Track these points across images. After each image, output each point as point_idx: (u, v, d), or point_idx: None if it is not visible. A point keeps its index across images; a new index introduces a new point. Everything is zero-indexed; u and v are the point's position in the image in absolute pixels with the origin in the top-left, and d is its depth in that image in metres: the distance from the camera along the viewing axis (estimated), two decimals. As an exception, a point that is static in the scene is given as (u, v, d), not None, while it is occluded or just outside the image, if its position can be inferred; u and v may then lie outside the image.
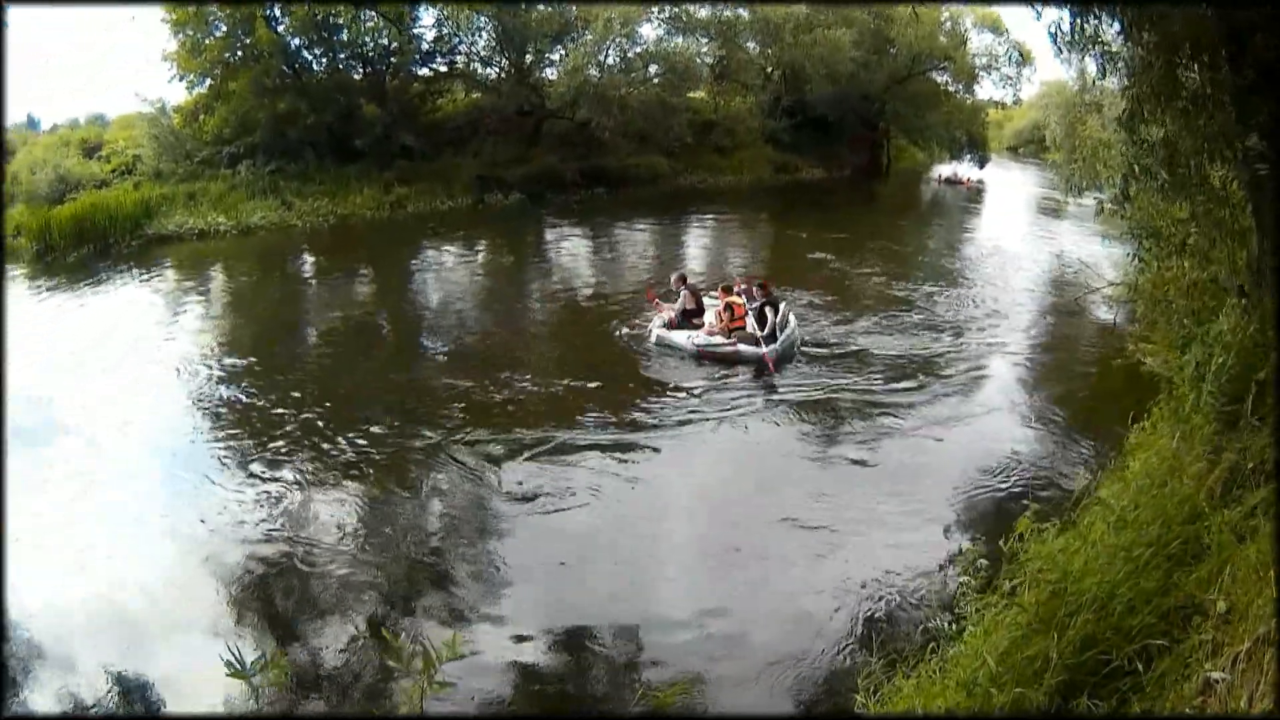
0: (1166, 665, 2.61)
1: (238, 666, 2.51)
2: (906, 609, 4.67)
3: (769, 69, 24.86)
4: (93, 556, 6.65)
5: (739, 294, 9.49)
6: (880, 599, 4.76)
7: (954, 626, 3.84)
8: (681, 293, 10.00)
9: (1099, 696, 2.67)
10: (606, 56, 21.94)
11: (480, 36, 22.02)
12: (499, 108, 21.60)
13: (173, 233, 21.38)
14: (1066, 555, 3.16)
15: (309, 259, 19.42)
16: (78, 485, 7.77)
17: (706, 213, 21.88)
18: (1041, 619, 2.91)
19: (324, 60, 22.06)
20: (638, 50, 22.24)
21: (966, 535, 5.11)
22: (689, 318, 9.76)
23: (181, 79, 22.69)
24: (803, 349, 9.36)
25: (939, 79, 27.56)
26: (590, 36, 21.70)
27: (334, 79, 21.74)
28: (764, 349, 8.54)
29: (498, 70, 22.26)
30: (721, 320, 9.31)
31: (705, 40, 23.31)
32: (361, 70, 21.94)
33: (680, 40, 22.97)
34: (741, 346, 8.86)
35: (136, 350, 12.44)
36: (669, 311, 9.86)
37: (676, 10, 23.07)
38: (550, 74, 22.27)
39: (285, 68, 21.91)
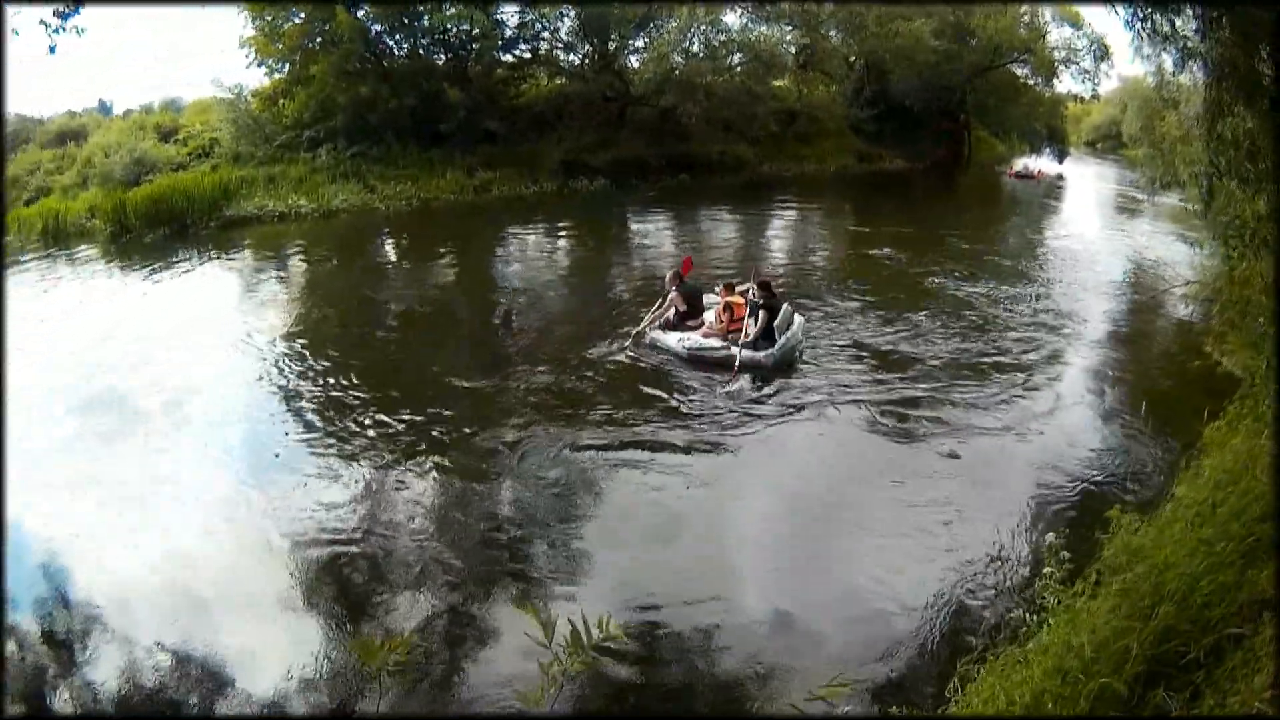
0: (1239, 659, 2.64)
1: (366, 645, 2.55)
2: (987, 599, 4.64)
3: (852, 58, 24.41)
4: (161, 532, 6.61)
5: (741, 293, 8.64)
6: (961, 590, 4.72)
7: (1035, 617, 3.81)
8: (671, 293, 9.01)
9: (1173, 688, 2.71)
10: (691, 44, 21.53)
11: (563, 23, 21.70)
12: (583, 94, 21.26)
13: (252, 215, 21.23)
14: (1149, 549, 3.25)
15: (391, 242, 19.20)
16: (150, 461, 7.75)
17: (789, 202, 21.43)
18: (1124, 610, 2.95)
19: (405, 45, 21.83)
20: (722, 38, 21.79)
21: (1046, 529, 4.98)
22: (684, 319, 8.86)
23: (260, 64, 22.58)
24: (883, 345, 8.78)
25: (1019, 71, 26.93)
26: (675, 24, 21.31)
27: (416, 64, 21.50)
28: (760, 354, 7.85)
29: (581, 57, 21.96)
30: (721, 321, 8.47)
31: (789, 29, 22.86)
32: (444, 55, 21.66)
33: (764, 29, 22.52)
34: (736, 350, 8.07)
35: (214, 329, 12.31)
36: (658, 315, 9.04)
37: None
38: (634, 61, 21.89)
39: (366, 52, 21.71)
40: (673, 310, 8.95)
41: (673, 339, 8.61)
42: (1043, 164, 27.04)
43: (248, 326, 12.39)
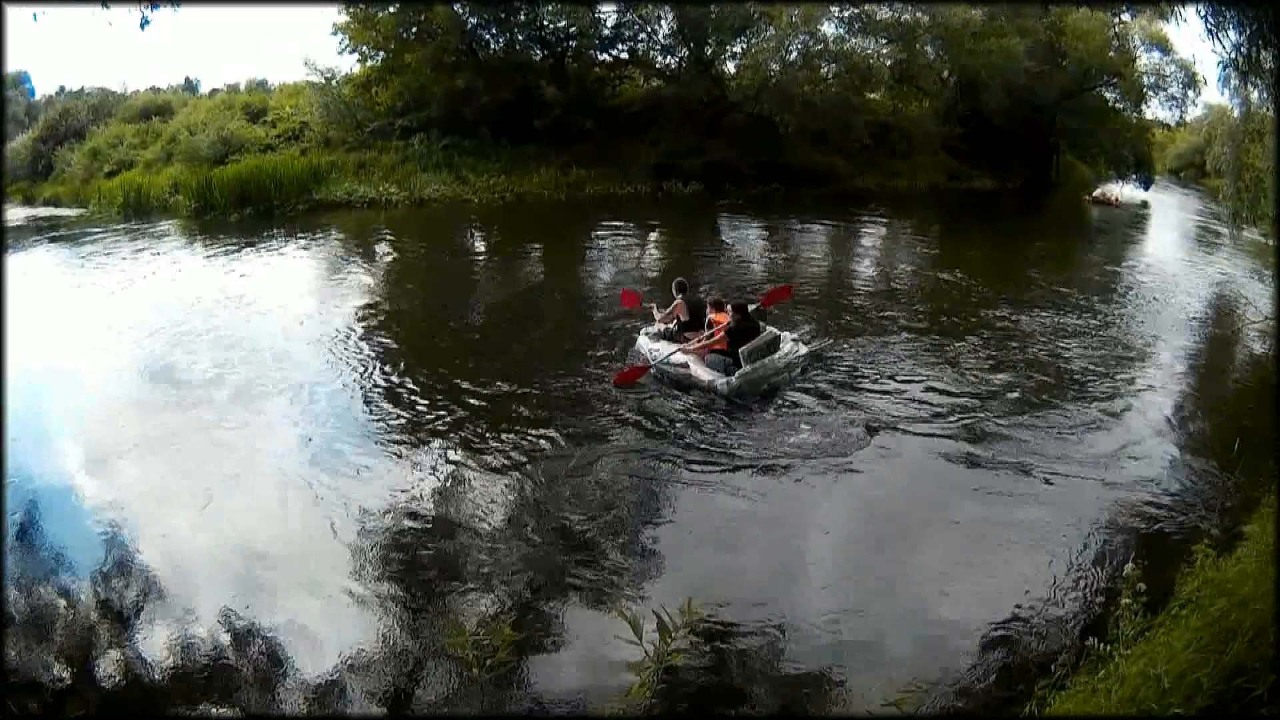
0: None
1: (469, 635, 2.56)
2: (1062, 626, 4.55)
3: (946, 73, 24.08)
4: (227, 506, 6.61)
5: (737, 308, 8.36)
6: (1036, 615, 4.65)
7: (1109, 647, 3.74)
8: (676, 300, 8.80)
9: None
10: (789, 52, 21.29)
11: (661, 25, 21.53)
12: (678, 97, 21.08)
13: (341, 200, 21.31)
14: (1229, 584, 3.26)
15: (480, 234, 19.14)
16: (219, 436, 7.79)
17: (878, 217, 21.13)
18: (1199, 644, 2.97)
19: (501, 39, 21.74)
20: (819, 48, 21.55)
21: (1122, 560, 4.79)
22: (685, 329, 8.63)
23: (353, 51, 22.62)
24: (956, 369, 8.46)
25: (1108, 95, 26.49)
26: (773, 31, 21.10)
27: (512, 58, 21.41)
28: (719, 380, 7.57)
29: (678, 60, 21.78)
30: (700, 339, 8.18)
31: (885, 42, 22.59)
32: (540, 52, 21.57)
33: (861, 41, 22.27)
34: (697, 369, 7.79)
35: (295, 310, 12.37)
36: (660, 320, 8.78)
37: (857, 10, 22.39)
38: (730, 67, 21.72)
39: (461, 45, 21.66)
40: (675, 320, 8.73)
41: (648, 346, 8.40)
42: (1124, 190, 26.57)
43: (329, 309, 12.47)
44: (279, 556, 5.88)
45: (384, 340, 10.45)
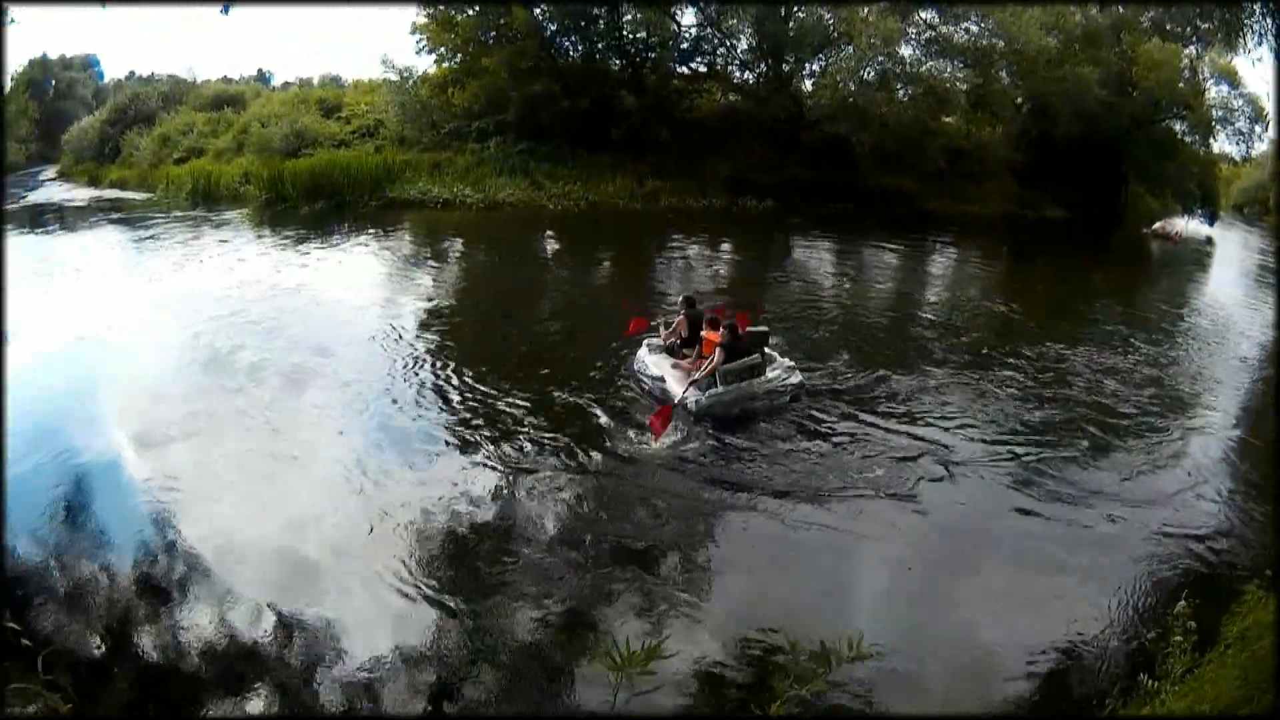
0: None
1: (615, 658, 2.43)
2: (1113, 660, 4.58)
3: (1019, 99, 23.97)
4: (276, 492, 6.74)
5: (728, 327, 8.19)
6: (1086, 648, 4.67)
7: (1156, 684, 3.83)
8: (679, 317, 8.71)
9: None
10: (867, 72, 21.27)
11: (741, 40, 21.57)
12: (755, 113, 21.11)
13: (414, 198, 21.45)
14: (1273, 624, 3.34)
15: (553, 240, 19.25)
16: (273, 423, 7.95)
17: (948, 242, 21.02)
18: (1247, 681, 3.02)
19: (580, 47, 21.83)
20: (897, 69, 21.52)
21: (1171, 598, 4.81)
22: (685, 345, 8.52)
23: (431, 51, 22.79)
24: (1014, 403, 8.42)
25: (1176, 127, 26.26)
26: (852, 51, 21.09)
27: (591, 67, 21.50)
28: (690, 397, 7.50)
29: (756, 75, 21.81)
30: (697, 364, 8.07)
31: (962, 66, 22.52)
32: (619, 61, 21.65)
33: (938, 64, 22.21)
34: (671, 384, 7.75)
35: (360, 304, 12.49)
36: (664, 337, 8.71)
37: (934, 34, 22.34)
38: (808, 85, 21.71)
39: (540, 51, 21.77)
40: (677, 336, 8.62)
41: (645, 358, 8.41)
42: (1188, 225, 26.31)
43: (390, 306, 12.60)
44: (318, 545, 5.92)
45: (443, 340, 10.57)
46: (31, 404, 8.90)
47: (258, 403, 8.73)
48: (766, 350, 8.45)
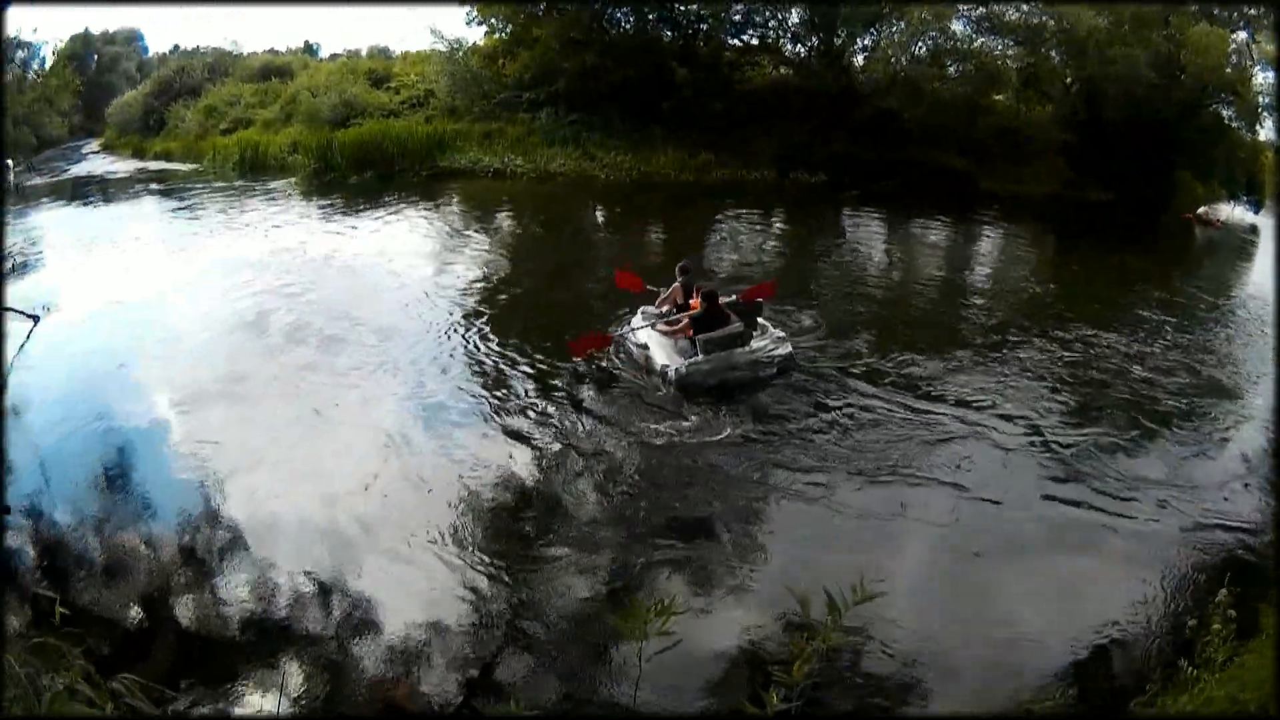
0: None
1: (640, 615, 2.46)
2: (1152, 646, 4.63)
3: (1069, 79, 23.84)
4: (319, 461, 6.80)
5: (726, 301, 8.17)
6: (1126, 635, 4.70)
7: (1196, 671, 3.86)
8: (676, 282, 8.46)
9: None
10: (918, 48, 21.22)
11: (792, 14, 21.54)
12: (806, 87, 21.08)
13: (465, 168, 21.56)
14: None
15: (603, 210, 19.27)
16: (316, 392, 8.04)
17: (996, 222, 20.90)
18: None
19: (632, 19, 21.85)
20: (949, 45, 21.46)
21: (1211, 587, 4.78)
22: (679, 311, 8.32)
23: (480, 22, 22.87)
24: (1054, 385, 8.26)
25: (1224, 113, 26.05)
26: (904, 25, 21.03)
27: (642, 38, 21.52)
28: (671, 367, 7.56)
29: (807, 49, 21.78)
30: (666, 322, 8.13)
31: (1012, 44, 22.43)
32: (670, 33, 21.67)
33: (989, 40, 22.13)
34: (656, 353, 7.77)
35: (409, 273, 12.59)
36: (659, 303, 8.55)
37: (985, 10, 22.24)
38: (859, 60, 21.69)
39: (591, 23, 21.80)
40: (672, 303, 8.41)
41: (637, 323, 8.39)
42: (1233, 212, 26.12)
43: (445, 273, 12.75)
44: (357, 512, 5.93)
45: (489, 308, 10.67)
46: (71, 370, 9.22)
47: (299, 367, 8.88)
48: (761, 321, 8.31)
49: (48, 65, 26.66)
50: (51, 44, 27.39)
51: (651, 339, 8.04)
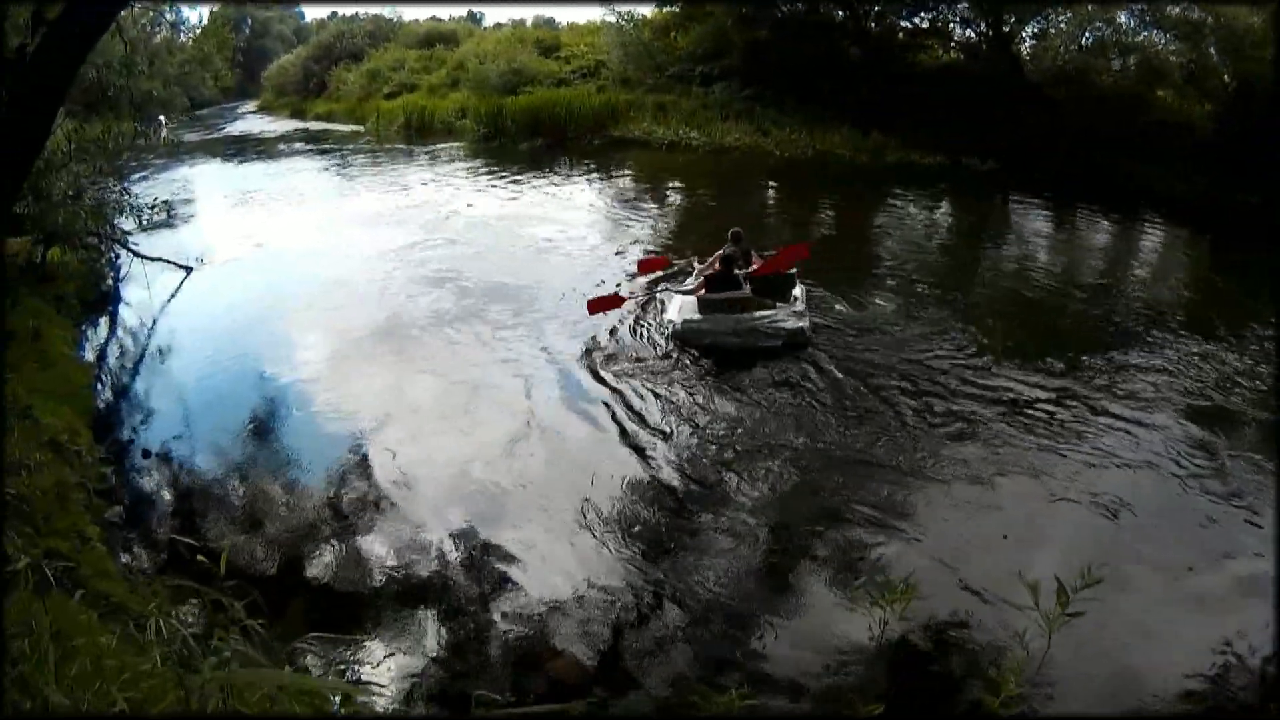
0: None
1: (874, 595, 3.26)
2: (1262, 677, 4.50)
3: (1226, 77, 24.01)
4: (463, 425, 6.95)
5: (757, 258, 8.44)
6: (1243, 653, 4.57)
7: None
8: (724, 249, 8.56)
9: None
10: (1085, 39, 21.62)
11: (963, -2, 22.03)
12: (976, 72, 21.59)
13: (639, 138, 22.36)
14: None
15: (775, 187, 19.78)
16: (469, 355, 8.30)
17: (1158, 221, 20.86)
18: None
19: (803, -1, 22.52)
20: (1114, 38, 21.82)
21: None
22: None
23: (651, -3, 23.70)
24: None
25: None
26: (1072, 15, 21.43)
27: (814, 17, 22.18)
28: (675, 320, 7.98)
29: (976, 34, 22.27)
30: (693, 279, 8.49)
31: (1174, 40, 22.68)
32: (842, 13, 22.30)
33: (1152, 34, 22.43)
34: (670, 306, 8.31)
35: (573, 241, 13.10)
36: (699, 270, 8.79)
37: (1147, 5, 22.51)
38: (1026, 48, 22.12)
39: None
40: (712, 267, 8.52)
41: (674, 287, 8.89)
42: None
43: (612, 240, 13.24)
44: (508, 483, 6.09)
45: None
46: (218, 324, 9.84)
47: (453, 326, 9.27)
48: (794, 294, 8.33)
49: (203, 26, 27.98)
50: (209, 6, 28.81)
51: (675, 296, 8.63)
